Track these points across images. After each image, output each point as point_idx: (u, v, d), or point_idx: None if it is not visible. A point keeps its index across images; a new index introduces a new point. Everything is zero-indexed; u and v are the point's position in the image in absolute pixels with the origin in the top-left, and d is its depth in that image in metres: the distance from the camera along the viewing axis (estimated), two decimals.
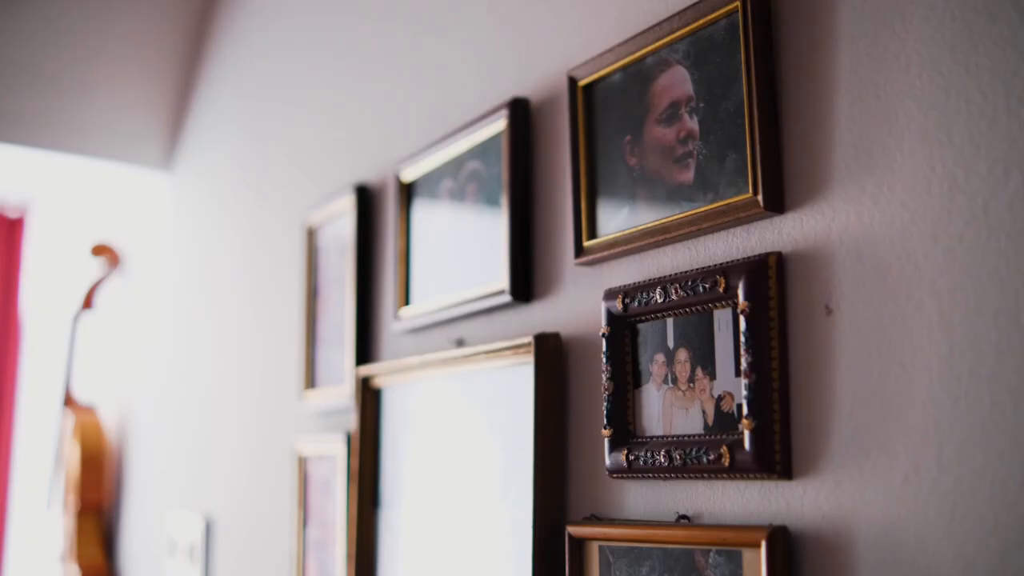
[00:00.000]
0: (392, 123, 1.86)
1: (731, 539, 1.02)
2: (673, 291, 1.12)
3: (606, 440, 1.19)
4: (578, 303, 1.31)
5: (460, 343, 1.54)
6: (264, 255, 2.40)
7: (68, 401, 3.54)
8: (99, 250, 3.54)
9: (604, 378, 1.20)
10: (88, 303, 3.58)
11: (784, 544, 0.98)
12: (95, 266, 3.57)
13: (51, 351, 4.14)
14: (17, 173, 4.61)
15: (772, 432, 1.00)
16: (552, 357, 1.31)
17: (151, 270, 3.28)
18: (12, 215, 5.06)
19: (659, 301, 1.14)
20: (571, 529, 1.23)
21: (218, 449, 2.56)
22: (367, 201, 1.86)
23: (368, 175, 1.90)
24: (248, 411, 2.39)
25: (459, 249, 1.55)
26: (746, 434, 1.01)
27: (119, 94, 2.99)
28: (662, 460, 1.11)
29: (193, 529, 2.60)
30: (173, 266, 3.07)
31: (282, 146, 2.36)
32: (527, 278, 1.40)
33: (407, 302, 1.68)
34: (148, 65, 2.98)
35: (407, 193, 1.70)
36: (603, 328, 1.21)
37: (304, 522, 1.97)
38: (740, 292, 1.04)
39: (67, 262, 4.11)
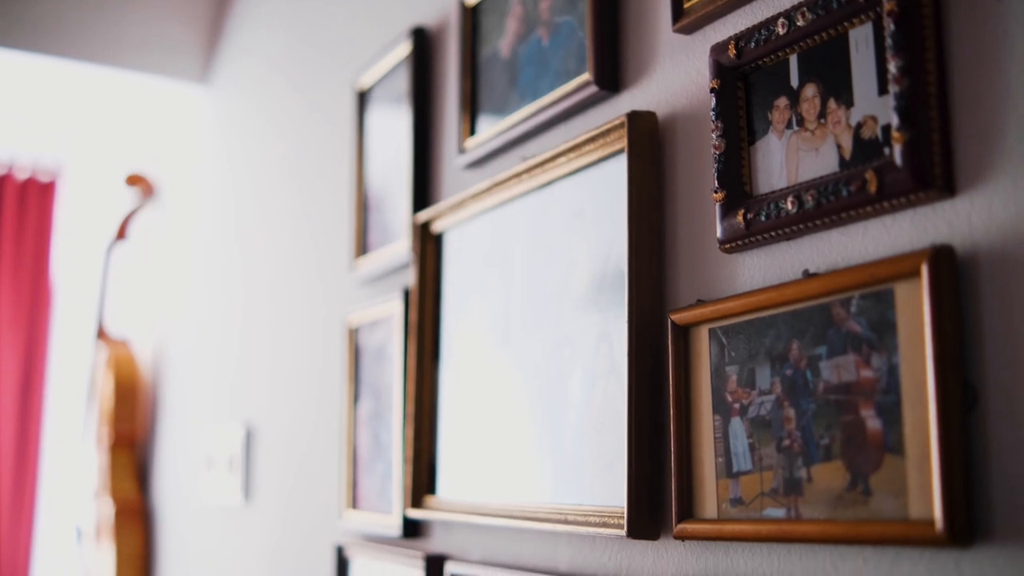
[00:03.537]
0: None
1: (880, 273, 0.87)
2: (799, 17, 0.98)
3: (717, 206, 1.05)
4: (677, 79, 1.17)
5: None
6: (313, 145, 2.28)
7: (101, 334, 3.44)
8: (133, 180, 3.44)
9: (714, 137, 1.05)
10: (122, 234, 3.48)
11: (950, 268, 0.82)
12: (129, 196, 3.47)
13: (84, 284, 4.04)
14: (52, 122, 4.53)
15: (930, 142, 0.85)
16: (648, 138, 1.16)
17: (188, 192, 3.16)
18: (44, 179, 4.97)
19: (781, 33, 1.00)
20: (674, 316, 1.08)
21: (260, 354, 2.43)
22: (424, 42, 1.73)
23: (424, 18, 1.77)
24: (295, 300, 2.26)
25: (533, 60, 1.41)
26: (897, 149, 0.87)
27: (154, 1, 2.88)
28: (789, 208, 0.97)
29: (232, 440, 2.47)
30: (213, 181, 2.95)
31: (329, 17, 2.24)
32: (615, 63, 1.25)
33: (472, 132, 1.54)
34: None
35: (472, 18, 1.57)
36: (711, 83, 1.07)
37: (356, 397, 1.83)
38: None
39: (102, 202, 4.02)
